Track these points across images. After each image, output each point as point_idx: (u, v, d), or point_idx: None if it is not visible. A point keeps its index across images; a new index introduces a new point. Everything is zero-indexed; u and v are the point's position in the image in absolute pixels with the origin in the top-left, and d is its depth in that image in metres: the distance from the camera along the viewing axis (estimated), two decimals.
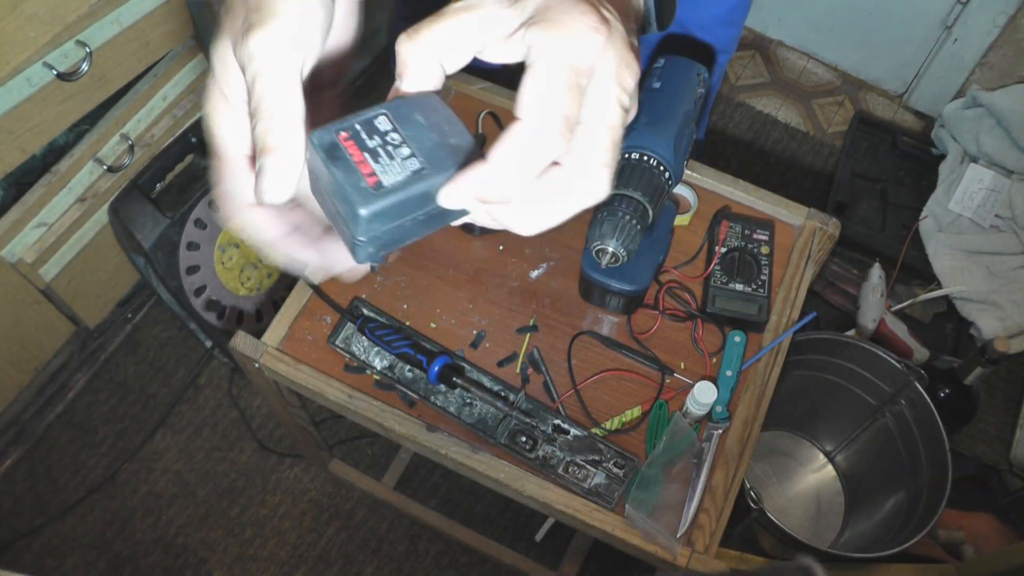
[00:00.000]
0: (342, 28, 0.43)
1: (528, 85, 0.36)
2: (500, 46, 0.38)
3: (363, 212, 0.36)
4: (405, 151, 0.38)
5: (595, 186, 0.38)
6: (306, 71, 0.40)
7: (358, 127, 0.38)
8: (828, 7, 2.05)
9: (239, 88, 0.39)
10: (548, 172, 0.37)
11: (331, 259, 0.43)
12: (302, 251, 0.42)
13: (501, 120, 1.09)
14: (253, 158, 0.40)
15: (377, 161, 0.37)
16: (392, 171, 0.37)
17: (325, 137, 0.37)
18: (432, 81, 0.39)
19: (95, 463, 1.54)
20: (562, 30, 0.36)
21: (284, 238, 0.42)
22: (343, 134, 0.37)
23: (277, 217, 0.42)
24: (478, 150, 0.39)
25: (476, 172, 0.36)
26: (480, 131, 1.09)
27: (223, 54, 0.39)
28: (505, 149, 0.36)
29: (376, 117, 0.38)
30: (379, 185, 0.36)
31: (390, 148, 0.37)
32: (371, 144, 0.37)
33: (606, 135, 0.37)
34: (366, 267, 0.41)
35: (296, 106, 0.38)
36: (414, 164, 0.37)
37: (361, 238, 0.37)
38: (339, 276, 0.44)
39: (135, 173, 1.37)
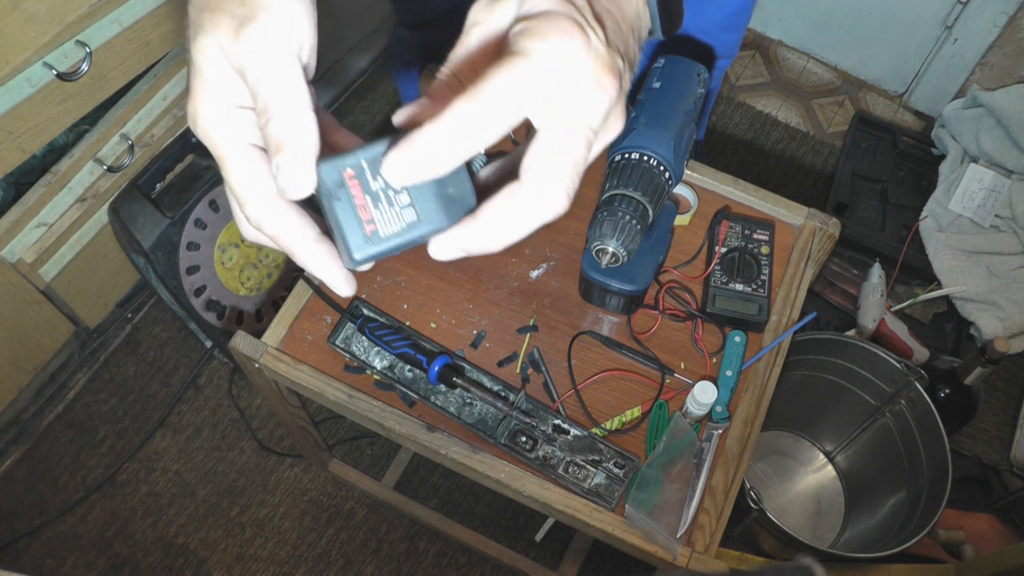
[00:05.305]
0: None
1: (535, 150, 0.37)
2: None
3: (357, 256, 0.39)
4: (404, 199, 0.39)
5: (553, 206, 0.38)
6: (305, 57, 0.40)
7: (364, 164, 0.39)
8: (828, 7, 2.05)
9: (235, 86, 0.39)
10: (510, 190, 0.38)
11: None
12: (331, 260, 0.41)
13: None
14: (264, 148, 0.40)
15: (377, 207, 0.39)
16: (389, 221, 0.39)
17: (332, 173, 0.39)
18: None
19: (95, 463, 1.54)
20: (572, 88, 0.36)
21: (316, 241, 0.41)
22: (349, 171, 0.39)
23: (307, 220, 0.41)
24: (475, 206, 0.40)
25: (466, 230, 0.38)
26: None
27: (210, 54, 0.39)
28: (497, 208, 0.37)
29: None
30: (375, 234, 0.39)
31: (391, 193, 0.39)
32: (374, 187, 0.39)
33: (570, 167, 0.37)
34: (351, 287, 0.43)
35: (302, 97, 0.38)
36: (410, 215, 0.39)
37: (349, 268, 0.41)
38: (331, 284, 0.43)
39: (135, 173, 1.37)
